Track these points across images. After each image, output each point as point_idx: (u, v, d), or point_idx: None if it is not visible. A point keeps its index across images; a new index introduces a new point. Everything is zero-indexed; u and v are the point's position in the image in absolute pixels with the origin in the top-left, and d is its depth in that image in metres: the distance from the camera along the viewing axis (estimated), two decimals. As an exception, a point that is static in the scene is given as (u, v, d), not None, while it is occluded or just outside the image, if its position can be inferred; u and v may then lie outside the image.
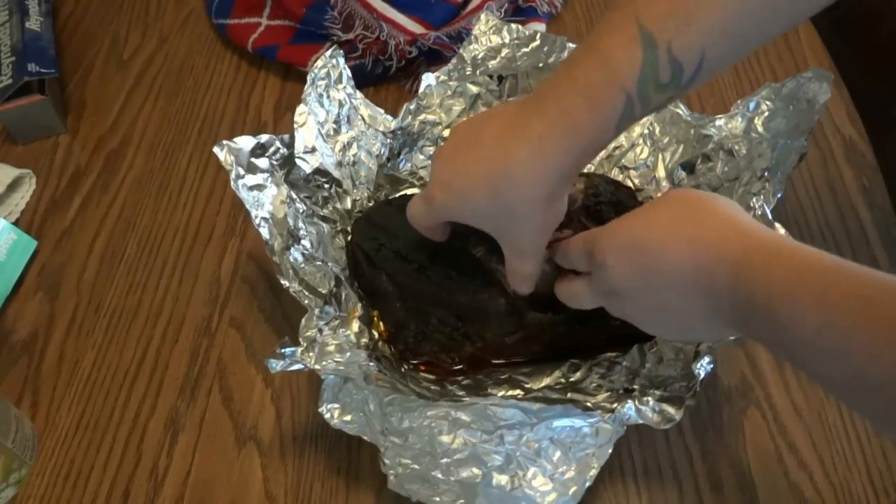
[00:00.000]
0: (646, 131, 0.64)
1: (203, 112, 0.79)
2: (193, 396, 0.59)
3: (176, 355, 0.61)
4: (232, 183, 0.54)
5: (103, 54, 0.86)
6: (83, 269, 0.68)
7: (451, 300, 0.55)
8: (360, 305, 0.57)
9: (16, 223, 0.70)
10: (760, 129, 0.58)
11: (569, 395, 0.53)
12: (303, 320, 0.50)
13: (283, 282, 0.52)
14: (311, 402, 0.57)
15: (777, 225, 0.50)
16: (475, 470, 0.46)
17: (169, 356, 0.61)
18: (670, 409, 0.48)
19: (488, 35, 0.67)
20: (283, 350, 0.47)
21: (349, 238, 0.60)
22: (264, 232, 0.54)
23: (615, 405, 0.49)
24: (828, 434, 0.53)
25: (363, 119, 0.63)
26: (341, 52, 0.61)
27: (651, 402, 0.48)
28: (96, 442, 0.57)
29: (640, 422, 0.48)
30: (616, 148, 0.65)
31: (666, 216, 0.42)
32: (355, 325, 0.56)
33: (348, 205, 0.61)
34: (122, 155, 0.76)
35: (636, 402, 0.48)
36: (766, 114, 0.58)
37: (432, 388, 0.55)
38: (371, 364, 0.52)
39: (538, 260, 0.50)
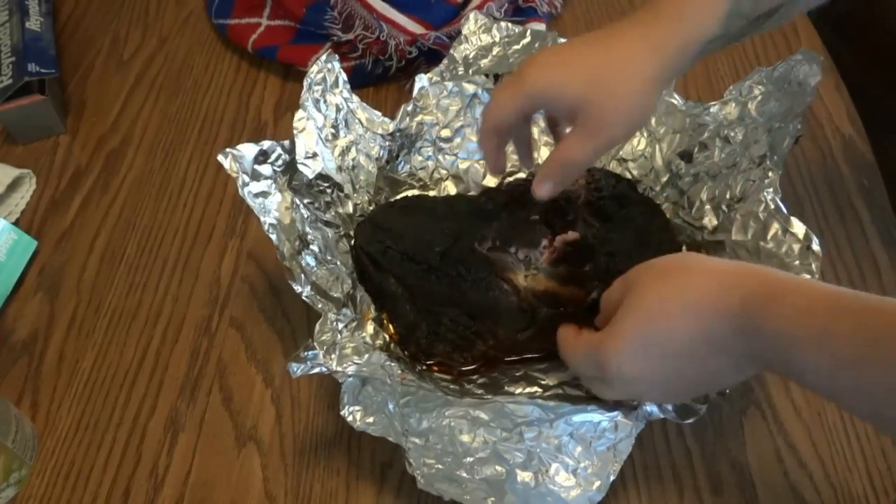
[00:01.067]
0: None
1: (203, 112, 0.79)
2: (193, 396, 0.59)
3: (176, 355, 0.61)
4: (240, 191, 0.54)
5: (103, 54, 0.86)
6: (83, 269, 0.68)
7: (462, 299, 0.55)
8: (372, 307, 0.57)
9: (16, 223, 0.70)
10: (754, 113, 0.58)
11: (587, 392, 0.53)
12: (317, 325, 0.50)
13: (295, 287, 0.52)
14: (311, 402, 0.58)
15: (794, 220, 0.50)
16: (498, 468, 0.47)
17: (169, 356, 0.61)
18: (691, 403, 0.48)
19: (478, 34, 0.67)
20: (305, 353, 0.47)
21: (353, 242, 0.60)
22: (274, 238, 0.53)
23: (636, 402, 0.49)
24: (828, 434, 0.53)
25: (361, 122, 0.62)
26: (336, 55, 0.60)
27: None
28: (96, 442, 0.57)
29: (663, 416, 0.48)
30: None
31: (653, 299, 0.43)
32: (370, 328, 0.56)
33: (350, 209, 0.61)
34: (122, 155, 0.76)
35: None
36: (759, 98, 0.58)
37: (451, 387, 0.55)
38: (392, 364, 0.52)
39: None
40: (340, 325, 0.51)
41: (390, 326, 0.57)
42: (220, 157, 0.54)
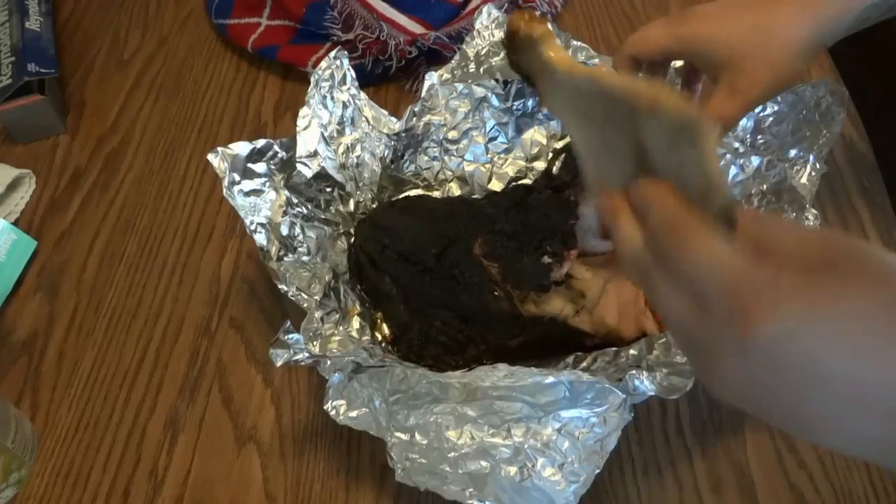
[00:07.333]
0: None
1: (203, 112, 0.79)
2: (193, 396, 0.59)
3: (176, 355, 0.61)
4: (225, 191, 0.54)
5: (103, 54, 0.86)
6: (83, 269, 0.68)
7: (455, 302, 0.55)
8: (358, 304, 0.57)
9: (15, 223, 0.70)
10: (767, 133, 0.58)
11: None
12: (303, 322, 0.50)
13: (280, 286, 0.52)
14: (311, 402, 0.57)
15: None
16: (483, 462, 0.47)
17: (169, 356, 0.61)
18: (678, 380, 0.47)
19: (491, 29, 0.66)
20: (286, 337, 0.47)
21: (352, 240, 0.60)
22: (260, 238, 0.53)
23: (622, 376, 0.48)
24: (828, 434, 0.53)
25: (367, 120, 0.62)
26: (345, 52, 0.60)
27: (659, 377, 0.48)
28: (96, 442, 0.57)
29: (650, 392, 0.47)
30: None
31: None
32: (356, 322, 0.56)
33: (351, 207, 0.61)
34: (122, 155, 0.76)
35: (644, 375, 0.48)
36: (772, 118, 0.57)
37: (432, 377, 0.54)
38: (375, 347, 0.52)
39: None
40: (322, 313, 0.52)
41: (384, 326, 0.57)
42: (209, 156, 0.54)
